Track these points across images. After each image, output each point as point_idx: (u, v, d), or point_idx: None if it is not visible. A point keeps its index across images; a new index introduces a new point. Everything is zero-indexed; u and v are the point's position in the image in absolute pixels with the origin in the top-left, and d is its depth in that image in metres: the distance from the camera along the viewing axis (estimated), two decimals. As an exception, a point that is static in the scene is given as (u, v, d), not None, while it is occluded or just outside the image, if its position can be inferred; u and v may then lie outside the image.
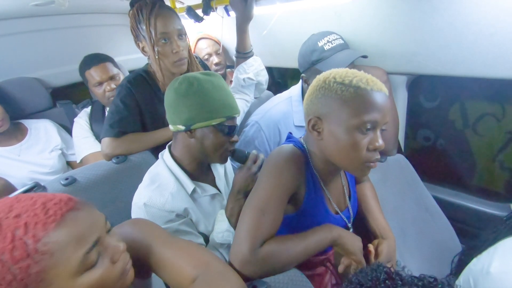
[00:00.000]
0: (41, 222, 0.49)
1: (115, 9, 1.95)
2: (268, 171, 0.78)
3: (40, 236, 0.48)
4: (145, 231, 0.70)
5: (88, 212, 0.55)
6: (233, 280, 0.65)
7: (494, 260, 0.81)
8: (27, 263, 0.47)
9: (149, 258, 0.68)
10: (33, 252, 0.47)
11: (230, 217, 0.94)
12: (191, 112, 0.88)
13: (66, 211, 0.52)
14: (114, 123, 1.21)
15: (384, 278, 0.53)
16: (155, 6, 1.14)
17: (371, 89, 0.69)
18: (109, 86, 1.52)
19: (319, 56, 1.21)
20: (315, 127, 0.76)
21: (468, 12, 1.01)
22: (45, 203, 0.51)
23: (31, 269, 0.47)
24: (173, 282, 0.67)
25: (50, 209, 0.51)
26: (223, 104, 0.90)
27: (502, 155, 1.48)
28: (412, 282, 0.52)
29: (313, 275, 0.99)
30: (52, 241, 0.49)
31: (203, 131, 0.91)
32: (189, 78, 0.89)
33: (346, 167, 0.78)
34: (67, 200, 0.53)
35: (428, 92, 1.61)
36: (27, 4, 1.39)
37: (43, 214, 0.50)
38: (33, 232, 0.48)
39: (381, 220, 0.95)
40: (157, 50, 1.16)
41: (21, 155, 1.53)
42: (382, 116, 0.70)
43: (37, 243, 0.48)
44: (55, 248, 0.49)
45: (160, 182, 0.92)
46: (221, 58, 1.91)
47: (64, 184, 1.10)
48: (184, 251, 0.69)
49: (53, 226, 0.49)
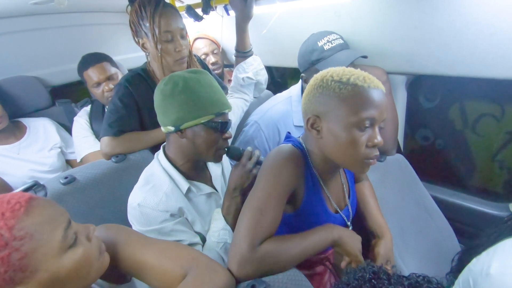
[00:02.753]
0: (8, 211, 0.49)
1: (115, 8, 1.94)
2: (267, 171, 0.78)
3: (13, 223, 0.49)
4: (119, 235, 0.70)
5: (47, 200, 0.57)
6: (221, 272, 0.66)
7: (494, 261, 0.80)
8: (8, 251, 0.47)
9: (126, 262, 0.67)
10: (11, 240, 0.48)
11: (226, 215, 0.94)
12: (179, 112, 0.87)
13: (27, 199, 0.53)
14: (113, 122, 1.20)
15: (370, 277, 0.53)
16: (160, 4, 1.14)
17: (368, 86, 0.69)
18: (107, 86, 1.52)
19: (319, 56, 1.21)
20: (313, 126, 0.76)
21: (468, 12, 1.01)
22: (1, 198, 0.52)
23: (13, 257, 0.47)
24: (160, 284, 0.67)
25: (11, 200, 0.51)
26: (211, 100, 0.89)
27: (501, 155, 1.49)
28: (398, 282, 0.52)
29: (312, 274, 0.99)
30: (27, 224, 0.50)
31: (194, 130, 0.90)
32: (174, 78, 0.89)
33: (346, 165, 0.78)
34: (22, 193, 0.54)
35: (427, 92, 1.61)
36: (27, 2, 1.39)
37: (6, 204, 0.50)
38: (4, 221, 0.48)
39: (379, 218, 0.95)
40: (160, 48, 1.16)
41: (20, 153, 1.53)
42: (380, 113, 0.71)
43: (12, 230, 0.48)
44: (32, 229, 0.50)
45: (154, 183, 0.92)
46: (218, 57, 1.91)
47: (63, 183, 1.10)
48: (168, 252, 0.69)
49: (22, 211, 0.50)
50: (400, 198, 1.21)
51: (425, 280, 0.52)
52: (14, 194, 0.53)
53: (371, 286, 0.52)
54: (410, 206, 1.23)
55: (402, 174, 1.30)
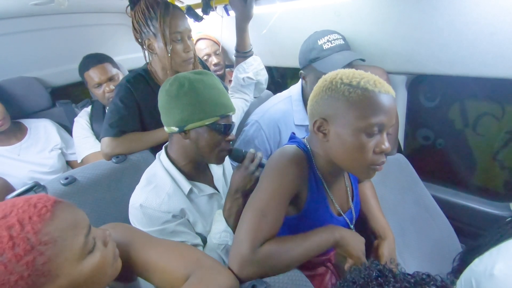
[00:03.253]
0: (35, 215, 0.49)
1: (115, 9, 1.94)
2: (270, 172, 0.77)
3: (39, 227, 0.49)
4: (125, 234, 0.70)
5: (70, 204, 0.57)
6: (225, 273, 0.66)
7: (498, 261, 0.79)
8: (33, 256, 0.47)
9: (132, 262, 0.67)
10: (36, 244, 0.48)
11: (228, 217, 0.94)
12: (184, 113, 0.87)
13: (53, 203, 0.53)
14: (114, 122, 1.20)
15: (376, 275, 0.53)
16: (169, 6, 1.15)
17: (379, 91, 0.68)
18: (108, 87, 1.52)
19: (317, 54, 1.21)
20: (320, 129, 0.75)
21: (468, 11, 1.00)
22: (27, 200, 0.52)
23: (38, 261, 0.48)
24: (164, 284, 0.67)
25: (37, 203, 0.51)
26: (216, 103, 0.89)
27: (502, 155, 1.48)
28: (404, 279, 0.52)
29: (313, 275, 0.99)
30: (52, 229, 0.50)
31: (197, 131, 0.90)
32: (179, 79, 0.89)
33: (351, 169, 0.77)
34: (47, 195, 0.55)
35: (427, 92, 1.61)
36: (27, 3, 1.39)
37: (33, 208, 0.50)
38: (31, 225, 0.48)
39: (381, 219, 0.95)
40: (170, 48, 1.16)
41: (21, 154, 1.53)
42: (389, 119, 0.69)
43: (38, 235, 0.48)
44: (56, 235, 0.50)
45: (156, 183, 0.92)
46: (220, 58, 1.91)
47: (64, 184, 1.10)
48: (172, 251, 0.69)
49: (49, 215, 0.51)
50: (400, 198, 1.21)
51: (430, 278, 0.52)
52: (40, 197, 0.53)
53: (378, 284, 0.52)
54: (411, 205, 1.23)
55: (403, 174, 1.30)
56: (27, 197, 0.53)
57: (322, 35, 1.23)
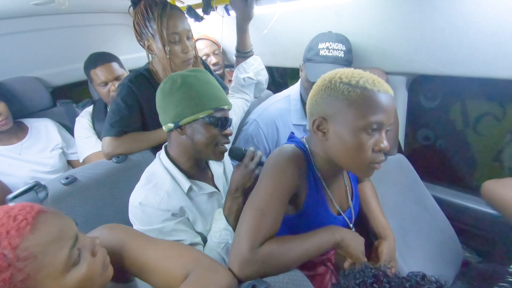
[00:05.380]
0: (13, 229, 0.47)
1: (115, 8, 1.95)
2: (268, 171, 0.77)
3: (17, 242, 0.47)
4: (121, 235, 0.70)
5: (56, 213, 0.55)
6: (223, 273, 0.66)
7: None
8: (10, 273, 0.45)
9: (129, 263, 0.67)
10: (14, 260, 0.46)
11: (228, 215, 0.94)
12: (178, 108, 0.88)
13: (35, 214, 0.50)
14: (115, 122, 1.21)
15: (371, 281, 0.53)
16: (167, 6, 1.15)
17: (378, 90, 0.68)
18: (113, 86, 1.52)
19: (312, 56, 1.23)
20: (319, 128, 0.75)
21: (468, 11, 1.00)
22: (8, 212, 0.49)
23: (15, 278, 0.46)
24: (162, 284, 0.67)
25: (18, 215, 0.49)
26: (209, 96, 0.90)
27: (503, 155, 1.48)
28: (399, 284, 0.52)
29: (313, 275, 0.98)
30: (32, 244, 0.48)
31: (193, 126, 0.90)
32: (173, 77, 0.91)
33: (351, 168, 0.78)
34: (31, 205, 0.52)
35: (428, 92, 1.61)
36: (28, 3, 1.39)
37: (12, 221, 0.48)
38: (8, 240, 0.46)
39: (381, 219, 0.95)
40: (168, 49, 1.16)
41: (22, 154, 1.53)
42: (387, 118, 0.70)
43: (16, 250, 0.46)
44: (36, 250, 0.48)
45: (156, 181, 0.92)
46: (219, 58, 1.92)
47: (64, 183, 1.10)
48: (170, 251, 0.69)
49: (29, 229, 0.48)
50: (401, 198, 1.21)
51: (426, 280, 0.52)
52: (22, 208, 0.51)
53: None
54: (411, 205, 1.23)
55: (403, 174, 1.30)
56: (8, 208, 0.51)
57: (326, 39, 1.23)
